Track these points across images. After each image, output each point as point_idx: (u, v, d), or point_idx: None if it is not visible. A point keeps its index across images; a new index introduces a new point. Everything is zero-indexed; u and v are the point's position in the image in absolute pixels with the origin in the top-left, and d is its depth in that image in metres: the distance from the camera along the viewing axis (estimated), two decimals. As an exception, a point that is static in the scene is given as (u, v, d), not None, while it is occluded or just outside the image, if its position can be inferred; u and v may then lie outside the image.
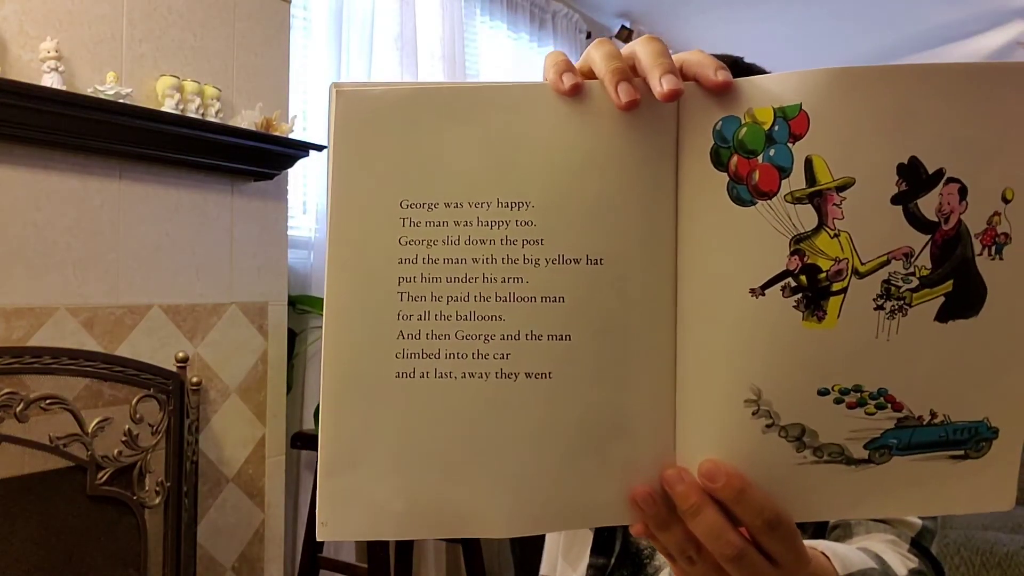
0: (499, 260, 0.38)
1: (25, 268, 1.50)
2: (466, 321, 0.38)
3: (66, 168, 1.56)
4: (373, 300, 0.38)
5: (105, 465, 1.54)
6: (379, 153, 0.38)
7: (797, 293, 0.37)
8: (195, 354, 1.78)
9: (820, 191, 0.37)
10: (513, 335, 0.38)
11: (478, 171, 0.38)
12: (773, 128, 0.37)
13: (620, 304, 0.39)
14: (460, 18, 2.75)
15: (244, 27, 1.91)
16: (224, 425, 1.86)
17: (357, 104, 0.38)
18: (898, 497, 0.40)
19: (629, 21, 3.83)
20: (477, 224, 0.38)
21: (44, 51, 1.48)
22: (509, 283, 0.38)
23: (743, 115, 0.38)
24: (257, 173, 1.90)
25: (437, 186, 0.38)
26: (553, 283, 0.38)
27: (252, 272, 1.93)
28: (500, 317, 0.38)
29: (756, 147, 0.37)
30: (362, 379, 0.38)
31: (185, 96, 1.70)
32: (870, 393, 0.38)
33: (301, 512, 2.16)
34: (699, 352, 0.39)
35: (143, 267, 1.69)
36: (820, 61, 4.68)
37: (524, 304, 0.38)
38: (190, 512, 1.69)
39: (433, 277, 0.38)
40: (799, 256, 0.37)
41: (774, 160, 0.37)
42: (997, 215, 0.37)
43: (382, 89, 0.39)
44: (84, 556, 1.55)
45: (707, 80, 0.38)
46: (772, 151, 0.37)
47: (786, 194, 0.37)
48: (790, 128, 0.37)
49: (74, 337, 1.56)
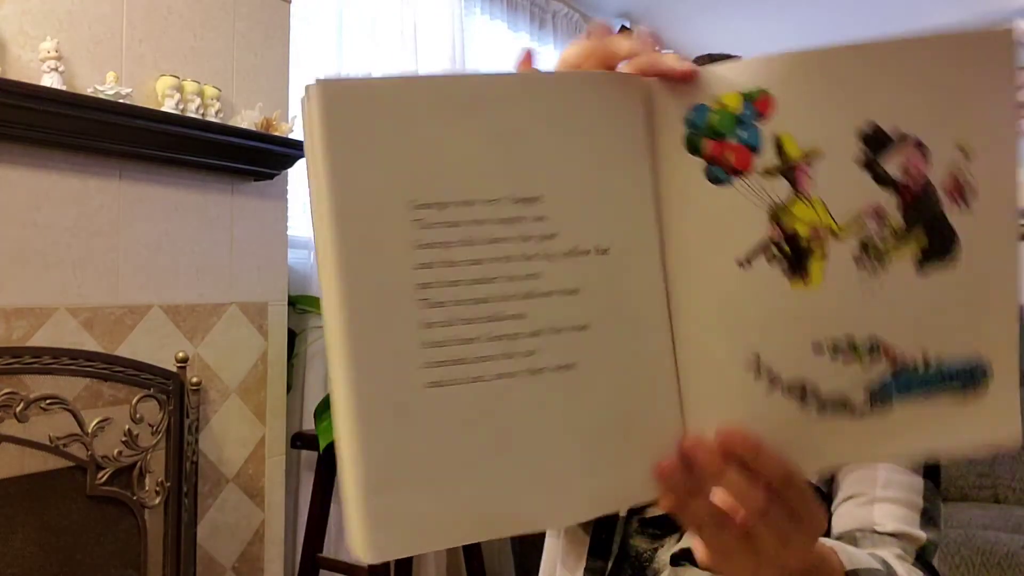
0: (518, 257, 0.38)
1: (25, 268, 1.50)
2: (492, 322, 0.37)
3: (66, 168, 1.56)
4: (393, 310, 0.36)
5: (105, 465, 1.54)
6: (378, 152, 0.36)
7: (781, 259, 0.40)
8: (195, 354, 1.78)
9: (791, 165, 0.39)
10: (537, 331, 0.38)
11: (486, 166, 0.38)
12: (741, 112, 0.40)
13: (626, 290, 0.40)
14: (460, 17, 2.75)
15: (244, 27, 1.91)
16: (224, 425, 1.86)
17: (346, 99, 0.36)
18: (905, 440, 0.41)
19: (629, 21, 3.84)
20: (493, 222, 0.37)
21: (44, 51, 1.48)
22: (528, 280, 0.38)
23: (712, 103, 0.40)
24: (257, 173, 1.90)
25: (447, 184, 0.37)
26: (568, 276, 0.39)
27: (252, 272, 1.93)
28: (523, 315, 0.38)
29: (727, 130, 0.40)
30: (392, 394, 0.37)
31: (185, 96, 1.70)
32: (863, 343, 0.40)
33: (301, 512, 2.16)
34: (696, 326, 0.41)
35: (143, 267, 1.69)
36: (820, 61, 4.69)
37: (544, 299, 0.38)
38: (190, 512, 1.69)
39: (455, 280, 0.37)
40: (778, 225, 0.40)
41: (745, 140, 0.40)
42: (960, 170, 0.40)
43: (372, 81, 0.37)
44: (84, 556, 1.55)
45: (673, 73, 0.41)
46: (743, 133, 0.40)
47: (760, 171, 0.40)
48: (756, 110, 0.39)
49: (74, 337, 1.56)
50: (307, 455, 2.19)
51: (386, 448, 0.37)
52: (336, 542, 2.24)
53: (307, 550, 2.09)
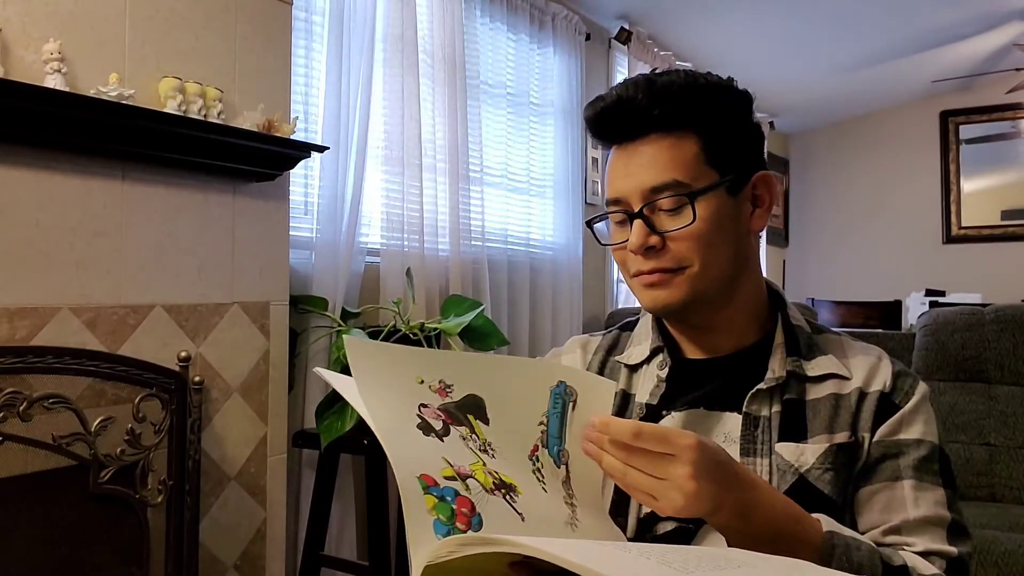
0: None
1: (28, 268, 1.51)
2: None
3: (69, 169, 1.57)
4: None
5: (108, 464, 1.55)
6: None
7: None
8: (197, 353, 1.79)
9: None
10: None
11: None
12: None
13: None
14: (460, 20, 2.76)
15: (246, 29, 1.92)
16: (226, 424, 1.87)
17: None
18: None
19: (628, 23, 3.85)
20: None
21: (47, 52, 1.49)
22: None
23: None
24: (259, 174, 1.91)
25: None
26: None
27: (254, 272, 1.94)
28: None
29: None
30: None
31: (187, 97, 1.71)
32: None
33: (302, 510, 2.17)
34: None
35: (145, 267, 1.70)
36: (820, 61, 4.69)
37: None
38: (192, 510, 1.70)
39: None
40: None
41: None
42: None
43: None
44: (87, 554, 1.56)
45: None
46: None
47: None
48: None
49: (77, 337, 1.57)
50: (308, 454, 2.20)
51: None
52: (337, 540, 2.24)
53: (308, 548, 2.10)
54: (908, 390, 0.85)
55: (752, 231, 0.88)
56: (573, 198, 3.43)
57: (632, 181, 0.83)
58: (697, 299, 0.84)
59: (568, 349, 1.02)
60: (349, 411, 1.93)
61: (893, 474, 0.82)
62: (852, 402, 0.84)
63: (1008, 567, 2.02)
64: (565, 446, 0.72)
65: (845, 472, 0.82)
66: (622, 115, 0.84)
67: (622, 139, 0.85)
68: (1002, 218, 5.45)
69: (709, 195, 0.82)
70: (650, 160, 0.82)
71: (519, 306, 3.11)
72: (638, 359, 0.94)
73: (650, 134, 0.83)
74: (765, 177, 0.88)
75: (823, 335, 0.91)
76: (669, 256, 0.83)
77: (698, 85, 0.84)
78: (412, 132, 2.51)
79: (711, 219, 0.82)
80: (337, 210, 2.28)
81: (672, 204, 0.82)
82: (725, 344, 0.89)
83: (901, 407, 0.84)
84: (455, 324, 2.19)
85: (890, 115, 5.79)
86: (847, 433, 0.83)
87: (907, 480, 0.82)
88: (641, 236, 0.82)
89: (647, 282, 0.85)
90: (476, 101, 2.87)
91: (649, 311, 0.89)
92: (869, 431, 0.83)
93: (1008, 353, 2.56)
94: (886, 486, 0.82)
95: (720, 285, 0.85)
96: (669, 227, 0.82)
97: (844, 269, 5.93)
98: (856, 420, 0.84)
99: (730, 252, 0.85)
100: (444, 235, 2.70)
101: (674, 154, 0.82)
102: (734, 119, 0.86)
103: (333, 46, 2.27)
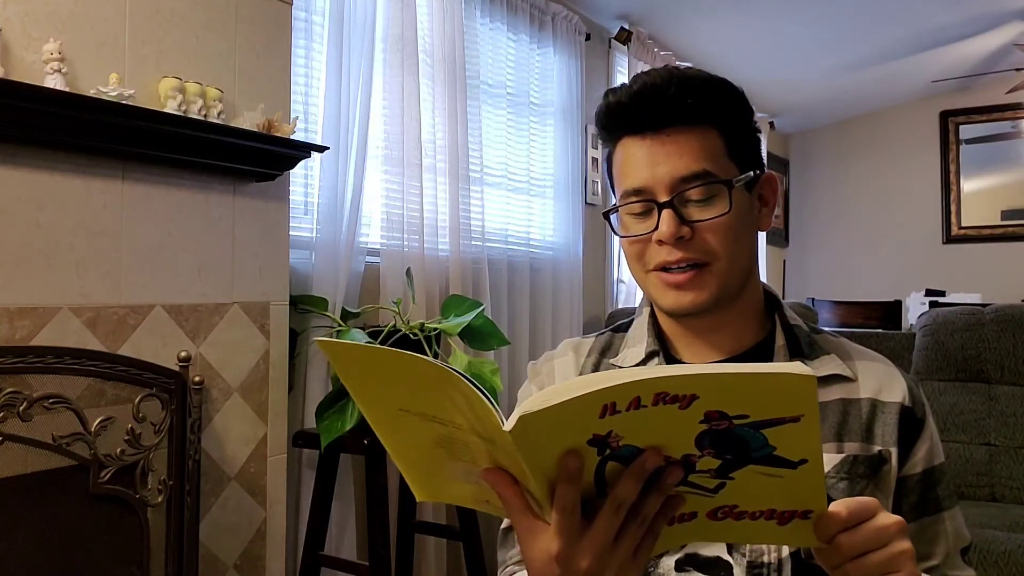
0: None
1: (28, 268, 1.51)
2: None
3: (69, 169, 1.57)
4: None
5: (108, 464, 1.55)
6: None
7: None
8: (197, 353, 1.79)
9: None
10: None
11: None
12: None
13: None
14: (460, 20, 2.76)
15: (246, 29, 1.92)
16: (226, 424, 1.87)
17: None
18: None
19: (628, 23, 3.85)
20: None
21: (47, 52, 1.49)
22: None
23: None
24: (259, 174, 1.91)
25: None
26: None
27: (254, 272, 1.94)
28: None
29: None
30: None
31: (187, 97, 1.71)
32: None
33: (303, 510, 2.17)
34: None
35: (145, 267, 1.71)
36: (820, 61, 4.69)
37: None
38: (192, 510, 1.70)
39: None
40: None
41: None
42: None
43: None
44: (86, 554, 1.56)
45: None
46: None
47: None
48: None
49: (77, 337, 1.57)
50: (308, 454, 2.20)
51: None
52: (337, 540, 2.24)
53: (308, 548, 2.10)
54: (923, 402, 0.87)
55: (758, 230, 0.89)
56: (573, 198, 3.43)
57: (659, 170, 0.81)
58: (722, 296, 0.83)
59: (560, 352, 1.01)
60: (349, 411, 1.93)
61: (936, 506, 0.84)
62: (864, 411, 0.84)
63: (1008, 567, 2.02)
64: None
65: (864, 483, 0.81)
66: (651, 103, 0.82)
67: (644, 129, 0.83)
68: (1002, 218, 5.45)
69: (738, 187, 0.82)
70: (678, 150, 0.81)
71: (519, 306, 3.12)
72: (633, 362, 0.92)
73: (675, 125, 0.82)
74: (770, 177, 0.88)
75: (821, 335, 0.91)
76: (696, 247, 0.81)
77: (716, 81, 0.85)
78: (412, 132, 2.51)
79: (739, 211, 0.82)
80: (337, 210, 2.28)
81: (702, 194, 0.81)
82: (724, 345, 0.89)
83: (924, 421, 0.85)
84: (455, 324, 2.19)
85: (890, 115, 5.79)
86: (861, 443, 0.83)
87: (946, 512, 0.85)
88: (672, 225, 0.80)
89: (673, 283, 0.83)
90: (476, 101, 2.87)
91: (670, 312, 0.87)
92: (895, 445, 0.83)
93: (1008, 353, 2.56)
94: (935, 520, 0.85)
95: (739, 280, 0.85)
96: (699, 217, 0.81)
97: (844, 269, 5.93)
98: (871, 431, 0.83)
99: (751, 247, 0.85)
100: (444, 235, 2.70)
101: (704, 144, 0.81)
102: (746, 117, 0.87)
103: (333, 46, 2.27)
